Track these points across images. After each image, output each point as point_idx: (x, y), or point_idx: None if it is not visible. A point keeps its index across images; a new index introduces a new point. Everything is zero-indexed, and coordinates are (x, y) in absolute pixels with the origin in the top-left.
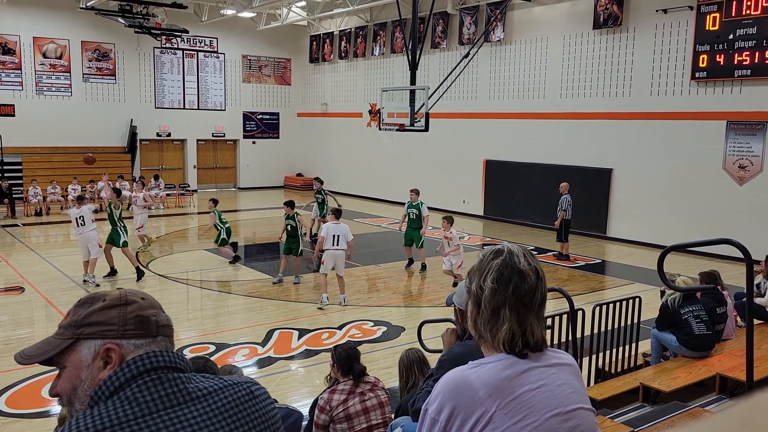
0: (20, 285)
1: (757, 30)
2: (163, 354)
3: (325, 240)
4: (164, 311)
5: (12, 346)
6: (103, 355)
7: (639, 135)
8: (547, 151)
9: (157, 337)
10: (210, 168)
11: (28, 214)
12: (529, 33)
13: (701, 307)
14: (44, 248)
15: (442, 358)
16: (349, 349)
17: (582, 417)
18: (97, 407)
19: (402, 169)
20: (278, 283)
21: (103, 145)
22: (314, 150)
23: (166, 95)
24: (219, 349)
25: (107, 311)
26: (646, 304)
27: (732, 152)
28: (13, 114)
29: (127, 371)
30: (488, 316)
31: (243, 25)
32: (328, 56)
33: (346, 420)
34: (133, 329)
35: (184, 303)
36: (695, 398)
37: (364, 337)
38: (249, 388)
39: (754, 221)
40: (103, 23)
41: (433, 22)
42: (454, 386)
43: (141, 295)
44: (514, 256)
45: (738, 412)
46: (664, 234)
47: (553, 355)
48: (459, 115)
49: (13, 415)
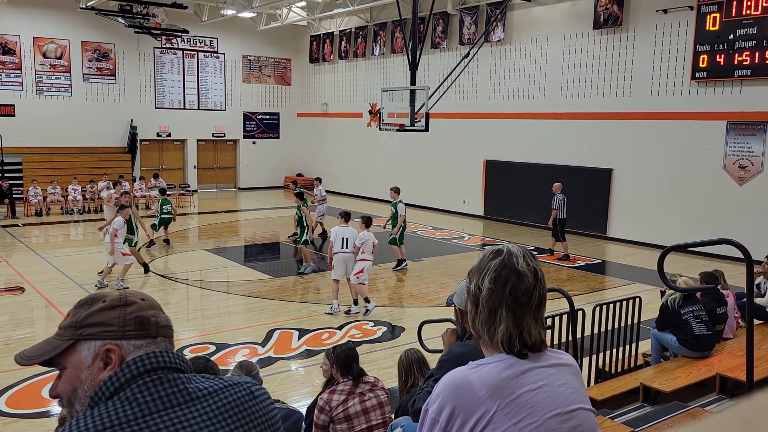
0: (20, 285)
1: (758, 30)
2: (163, 354)
3: (334, 244)
4: (164, 312)
5: (12, 346)
6: (102, 356)
7: (639, 135)
8: (548, 151)
9: (157, 337)
10: (210, 168)
11: (29, 214)
12: (529, 33)
13: (701, 308)
14: (44, 248)
15: (442, 358)
16: (347, 349)
17: (582, 417)
18: (97, 408)
19: (402, 169)
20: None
21: (103, 146)
22: (314, 150)
23: (167, 95)
24: (219, 349)
25: (107, 312)
26: (646, 304)
27: (732, 152)
28: (14, 114)
29: (127, 372)
30: (485, 316)
31: (243, 26)
32: (328, 56)
33: (345, 420)
34: (133, 330)
35: (184, 303)
36: (695, 398)
37: (364, 338)
38: (249, 388)
39: (754, 221)
40: (103, 23)
41: (433, 22)
42: (455, 386)
43: (141, 296)
44: (513, 257)
45: (738, 413)
46: (664, 234)
47: (553, 355)
48: (459, 115)
49: (13, 415)
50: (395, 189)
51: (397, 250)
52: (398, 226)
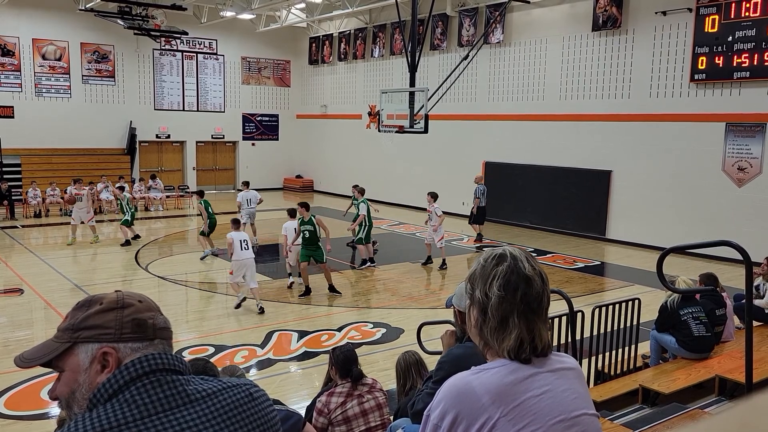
0: (19, 287)
1: (756, 32)
2: (162, 356)
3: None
4: (162, 314)
5: (11, 347)
6: (99, 359)
7: (638, 137)
8: (547, 153)
9: (155, 340)
10: (209, 170)
11: (28, 215)
12: (528, 35)
13: (700, 309)
14: (43, 250)
15: (441, 359)
16: (347, 351)
17: (587, 423)
18: (95, 410)
19: (401, 171)
20: (291, 288)
21: (102, 147)
22: (313, 152)
23: (166, 97)
24: (218, 350)
25: (104, 314)
26: (645, 305)
27: (731, 154)
28: (13, 116)
29: (126, 374)
30: (496, 324)
31: (242, 27)
32: (328, 58)
33: (344, 422)
34: (130, 332)
35: (183, 305)
36: (694, 400)
37: (363, 339)
38: (248, 390)
39: (753, 223)
40: (102, 25)
41: (433, 23)
42: (457, 392)
43: (138, 297)
44: (518, 262)
45: (737, 414)
46: (664, 236)
47: (556, 359)
48: (458, 117)
49: (12, 417)
50: (359, 189)
51: (363, 249)
52: (356, 222)
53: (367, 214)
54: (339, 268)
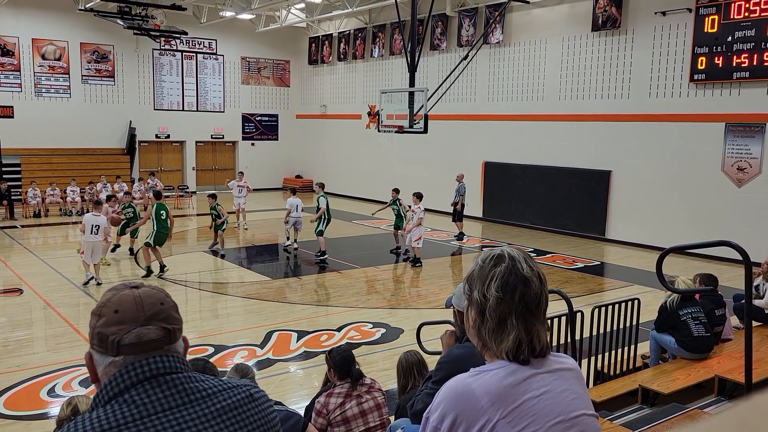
0: (19, 287)
1: (756, 32)
2: (164, 360)
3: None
4: (152, 324)
5: (10, 348)
6: (87, 358)
7: (638, 137)
8: (546, 153)
9: (117, 356)
10: (209, 170)
11: (27, 215)
12: (527, 35)
13: (700, 309)
14: (43, 250)
15: (441, 360)
16: (343, 352)
17: (586, 424)
18: (96, 410)
19: (401, 170)
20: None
21: (101, 147)
22: (313, 152)
23: (165, 97)
24: (218, 350)
25: (91, 318)
26: (645, 305)
27: (731, 154)
28: (12, 116)
29: (127, 378)
30: (494, 325)
31: (242, 27)
32: (327, 58)
33: (343, 423)
34: (97, 344)
35: (182, 305)
36: (694, 400)
37: (363, 339)
38: (248, 390)
39: (753, 223)
40: (102, 25)
41: (432, 23)
42: (456, 395)
43: (126, 306)
44: (517, 262)
45: (736, 414)
46: (663, 236)
47: (555, 360)
48: (458, 117)
49: (12, 417)
50: (320, 184)
51: (323, 241)
52: (315, 217)
53: (326, 208)
54: (339, 268)
